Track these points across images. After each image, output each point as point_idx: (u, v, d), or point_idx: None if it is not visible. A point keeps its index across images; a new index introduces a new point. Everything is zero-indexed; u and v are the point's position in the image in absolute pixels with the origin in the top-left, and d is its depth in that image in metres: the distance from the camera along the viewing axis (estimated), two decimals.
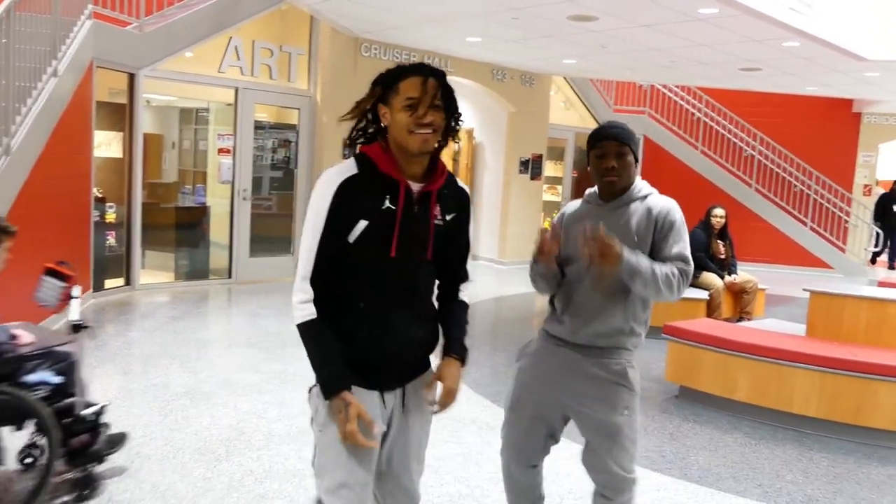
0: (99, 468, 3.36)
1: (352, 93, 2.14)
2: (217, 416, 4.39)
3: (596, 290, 2.45)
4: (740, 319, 7.40)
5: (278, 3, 8.56)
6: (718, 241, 7.66)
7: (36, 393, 3.03)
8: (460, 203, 2.07)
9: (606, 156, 2.46)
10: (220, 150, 9.02)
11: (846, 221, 13.16)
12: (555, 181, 13.36)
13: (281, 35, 9.22)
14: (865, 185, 13.59)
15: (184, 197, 9.34)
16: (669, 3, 6.45)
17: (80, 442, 3.23)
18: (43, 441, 3.00)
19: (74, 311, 3.33)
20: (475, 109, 11.63)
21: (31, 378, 3.09)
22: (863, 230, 13.35)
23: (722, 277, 7.44)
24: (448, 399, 2.04)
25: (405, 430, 2.05)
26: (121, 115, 7.78)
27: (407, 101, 1.88)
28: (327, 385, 1.90)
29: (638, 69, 10.49)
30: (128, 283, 7.90)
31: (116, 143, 7.88)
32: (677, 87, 13.65)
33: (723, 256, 7.63)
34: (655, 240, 2.43)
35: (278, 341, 6.24)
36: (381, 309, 1.94)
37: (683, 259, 2.40)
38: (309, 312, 1.89)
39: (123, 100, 7.78)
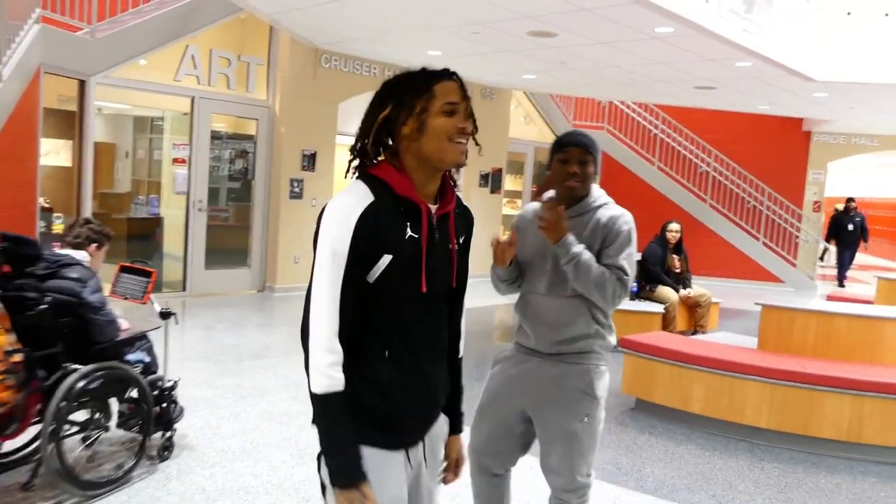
0: (171, 433, 3.91)
1: (311, 104, 2.08)
2: None
3: (551, 296, 2.49)
4: (695, 332, 7.53)
5: (237, 12, 8.47)
6: (674, 256, 7.79)
7: (135, 369, 3.65)
8: (468, 224, 1.90)
9: (570, 161, 2.50)
10: (176, 160, 8.87)
11: (797, 237, 13.53)
12: (514, 195, 13.45)
13: (239, 44, 9.12)
14: (815, 202, 13.99)
15: (137, 207, 9.14)
16: (627, 22, 6.56)
17: (156, 411, 3.75)
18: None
19: (157, 302, 4.04)
20: None
21: (131, 357, 3.75)
22: (813, 245, 13.73)
23: (677, 291, 7.56)
24: (460, 472, 2.00)
25: (421, 479, 1.86)
26: (70, 123, 7.59)
27: (448, 106, 1.66)
28: (346, 474, 1.62)
29: (596, 85, 10.65)
30: None
31: (66, 152, 7.68)
32: (635, 103, 13.90)
33: (678, 270, 7.76)
34: (602, 247, 2.47)
35: (234, 355, 6.12)
36: (409, 352, 1.71)
37: (622, 269, 2.43)
38: (337, 381, 1.60)
39: (73, 107, 7.58)
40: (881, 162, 19.67)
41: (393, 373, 1.69)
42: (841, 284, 13.60)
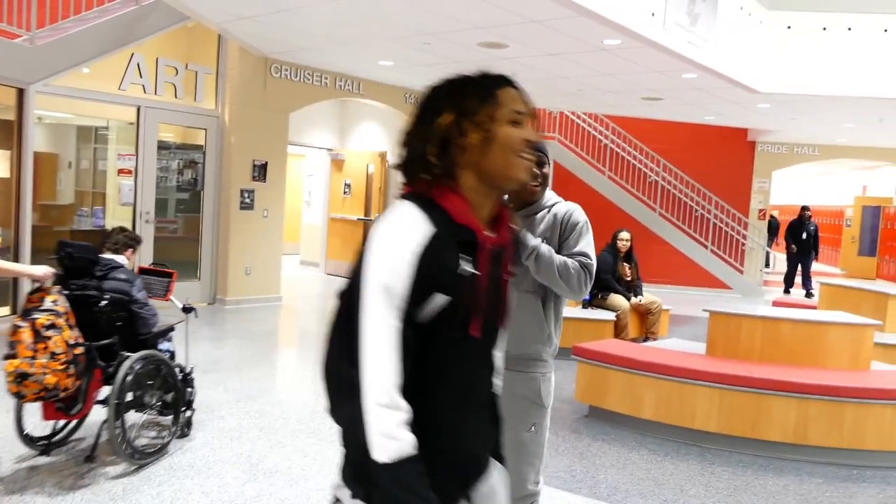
0: (192, 412, 4.49)
1: (261, 113, 2.00)
2: None
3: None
4: (646, 339, 7.63)
5: (184, 21, 8.31)
6: (624, 264, 7.89)
7: (165, 356, 4.16)
8: (518, 251, 1.75)
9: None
10: (121, 171, 8.65)
11: (743, 244, 13.88)
12: None
13: (187, 53, 8.96)
14: (760, 210, 14.38)
15: (80, 219, 8.88)
16: (576, 34, 6.66)
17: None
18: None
19: (175, 299, 4.52)
20: (387, 132, 11.65)
21: (162, 347, 4.28)
22: (759, 252, 14.10)
23: (628, 299, 7.67)
24: None
25: None
26: (8, 133, 7.33)
27: (514, 115, 1.48)
28: None
29: (547, 96, 10.77)
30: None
31: (3, 162, 7.41)
32: (585, 114, 14.11)
33: (629, 278, 7.87)
34: (560, 241, 2.52)
35: None
36: (455, 407, 1.47)
37: (584, 254, 2.48)
38: (408, 442, 1.32)
39: (11, 116, 7.33)
40: (822, 170, 20.38)
41: (440, 434, 1.43)
42: (809, 294, 13.14)
